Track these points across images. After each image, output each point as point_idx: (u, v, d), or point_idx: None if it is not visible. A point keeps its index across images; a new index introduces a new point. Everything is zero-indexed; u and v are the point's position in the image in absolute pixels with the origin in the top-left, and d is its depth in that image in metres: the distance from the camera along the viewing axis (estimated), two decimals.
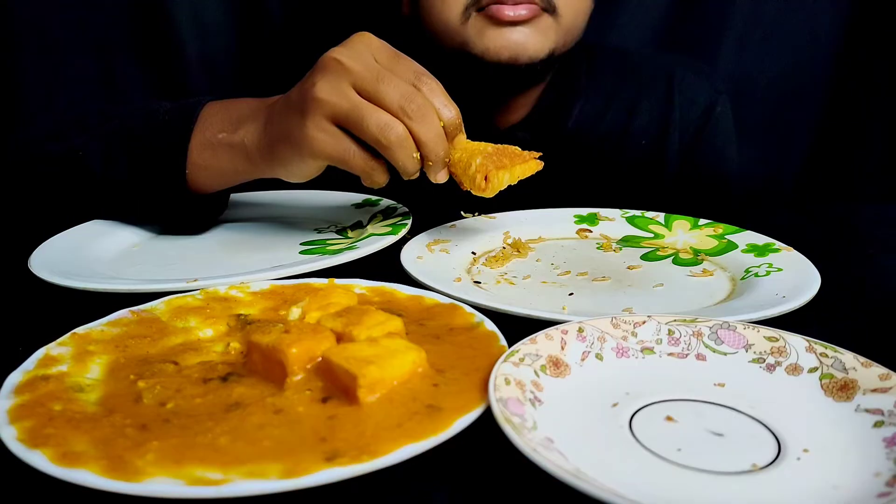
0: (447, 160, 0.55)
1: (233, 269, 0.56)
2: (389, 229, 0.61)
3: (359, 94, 0.52)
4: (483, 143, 0.55)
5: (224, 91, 0.67)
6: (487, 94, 0.81)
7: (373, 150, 0.53)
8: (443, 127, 0.54)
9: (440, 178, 0.55)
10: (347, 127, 0.53)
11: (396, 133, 0.52)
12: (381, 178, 0.55)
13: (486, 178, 0.54)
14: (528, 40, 0.72)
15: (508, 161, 0.54)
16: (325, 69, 0.52)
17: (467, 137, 0.56)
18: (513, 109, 0.84)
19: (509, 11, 0.70)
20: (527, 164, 0.55)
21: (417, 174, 0.55)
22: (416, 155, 0.53)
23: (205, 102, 0.62)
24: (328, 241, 0.63)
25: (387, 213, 0.67)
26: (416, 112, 0.52)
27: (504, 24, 0.71)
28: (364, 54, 0.53)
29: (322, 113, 0.52)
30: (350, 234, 0.65)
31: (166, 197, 0.62)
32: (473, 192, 0.55)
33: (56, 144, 0.66)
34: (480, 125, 0.76)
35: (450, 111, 0.54)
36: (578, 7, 0.76)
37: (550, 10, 0.72)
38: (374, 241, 0.57)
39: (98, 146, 0.63)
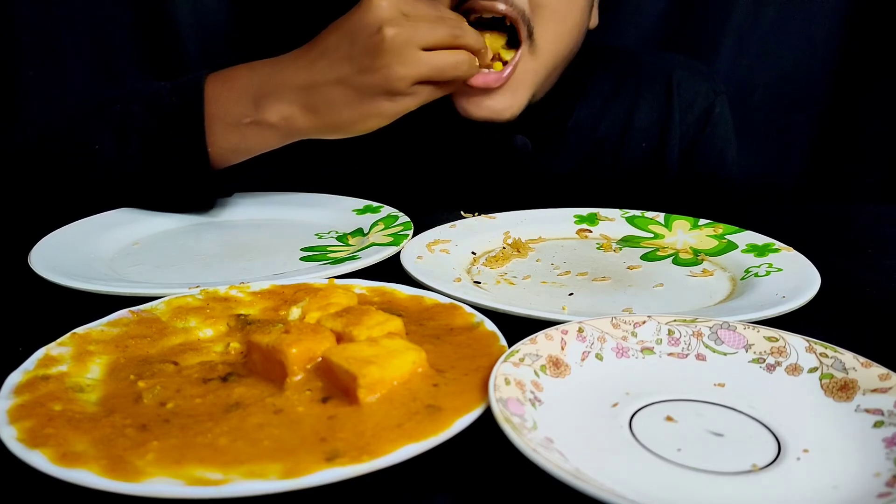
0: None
1: (233, 273, 0.56)
2: (391, 239, 0.60)
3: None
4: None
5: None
6: None
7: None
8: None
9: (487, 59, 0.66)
10: (429, 81, 0.60)
11: (467, 62, 0.62)
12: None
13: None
14: (503, 107, 0.70)
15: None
16: (388, 46, 0.57)
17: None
18: None
19: (478, 79, 0.67)
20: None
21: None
22: (476, 60, 0.63)
23: (202, 80, 0.63)
24: (329, 248, 0.63)
25: (388, 222, 0.66)
26: (460, 33, 0.60)
27: (476, 92, 0.69)
28: (398, 14, 0.58)
29: (408, 84, 0.59)
30: (350, 241, 0.65)
31: (188, 181, 0.64)
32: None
33: (69, 139, 0.66)
34: (479, 128, 0.76)
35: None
36: (559, 37, 0.72)
37: (528, 34, 0.69)
38: (375, 252, 0.57)
39: (111, 139, 0.64)
